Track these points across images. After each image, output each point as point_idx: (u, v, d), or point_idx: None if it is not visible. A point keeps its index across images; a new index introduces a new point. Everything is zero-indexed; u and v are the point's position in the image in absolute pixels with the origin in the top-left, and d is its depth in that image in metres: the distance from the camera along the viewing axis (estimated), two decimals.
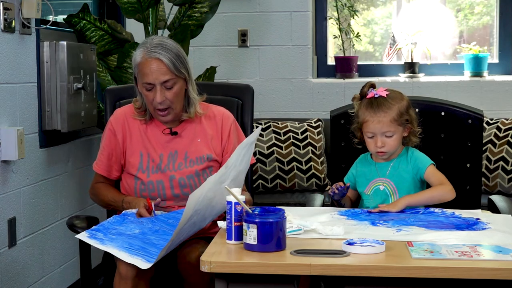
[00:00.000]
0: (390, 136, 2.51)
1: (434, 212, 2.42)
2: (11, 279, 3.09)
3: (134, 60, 2.53)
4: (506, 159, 3.98)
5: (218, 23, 4.56)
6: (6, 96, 3.04)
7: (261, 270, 1.88)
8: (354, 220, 2.32)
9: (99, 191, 2.65)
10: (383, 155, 2.55)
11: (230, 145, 2.63)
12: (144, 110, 2.60)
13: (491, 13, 4.77)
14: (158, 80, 2.48)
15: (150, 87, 2.50)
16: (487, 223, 2.25)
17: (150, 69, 2.48)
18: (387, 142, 2.52)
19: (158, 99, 2.48)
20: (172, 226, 2.33)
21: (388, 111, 2.50)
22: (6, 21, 2.99)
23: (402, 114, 2.52)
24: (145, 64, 2.48)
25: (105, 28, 3.84)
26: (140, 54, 2.50)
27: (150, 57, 2.48)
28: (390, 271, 1.85)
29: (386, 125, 2.50)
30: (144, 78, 2.49)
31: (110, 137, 2.61)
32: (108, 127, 2.64)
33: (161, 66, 2.48)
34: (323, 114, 4.45)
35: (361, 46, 4.87)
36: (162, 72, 2.48)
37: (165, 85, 2.49)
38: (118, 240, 2.26)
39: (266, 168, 4.14)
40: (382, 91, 2.53)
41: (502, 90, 4.47)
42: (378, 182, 2.58)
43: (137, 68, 2.52)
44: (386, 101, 2.51)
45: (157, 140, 2.58)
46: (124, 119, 2.61)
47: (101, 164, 2.64)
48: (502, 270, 1.83)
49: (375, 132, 2.51)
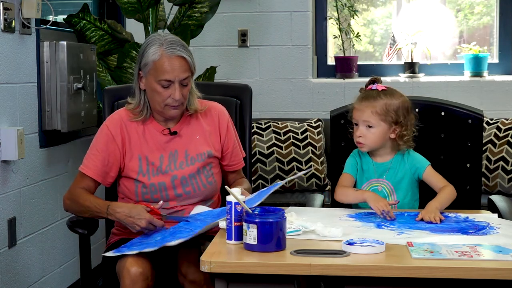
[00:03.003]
0: (370, 127, 2.52)
1: (448, 216, 2.40)
2: (11, 279, 3.09)
3: (148, 56, 2.48)
4: (506, 159, 3.98)
5: (218, 23, 4.56)
6: (6, 96, 3.04)
7: (261, 270, 1.88)
8: (360, 221, 2.32)
9: (81, 195, 2.50)
10: (361, 146, 2.55)
11: (230, 141, 2.64)
12: (141, 109, 2.57)
13: (491, 13, 4.77)
14: (178, 78, 2.46)
15: (168, 84, 2.47)
16: (496, 228, 2.23)
17: (172, 67, 2.45)
18: (366, 134, 2.52)
19: (177, 96, 2.47)
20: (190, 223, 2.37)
21: (374, 103, 2.51)
22: (6, 21, 2.99)
23: (388, 111, 2.51)
24: (165, 62, 2.45)
25: (105, 28, 3.84)
26: (157, 51, 2.46)
27: (172, 55, 2.46)
28: (390, 271, 1.85)
29: (367, 115, 2.51)
30: (163, 75, 2.46)
31: (108, 142, 2.53)
32: (105, 131, 2.55)
33: (183, 64, 2.47)
34: (323, 114, 4.45)
35: (361, 46, 4.87)
36: (183, 69, 2.47)
37: (182, 82, 2.48)
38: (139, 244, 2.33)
39: (266, 168, 4.14)
40: (380, 86, 2.55)
41: (502, 90, 4.47)
42: (375, 183, 2.58)
43: (153, 65, 2.47)
44: (377, 94, 2.54)
45: (156, 142, 2.56)
46: (121, 122, 2.56)
47: (94, 168, 2.52)
48: (502, 270, 1.83)
49: (357, 120, 2.54)
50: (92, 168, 2.52)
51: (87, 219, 2.52)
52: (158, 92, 2.48)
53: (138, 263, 2.27)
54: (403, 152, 2.58)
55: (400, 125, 2.53)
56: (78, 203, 2.50)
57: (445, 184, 2.52)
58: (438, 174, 2.55)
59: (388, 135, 2.54)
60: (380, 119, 2.51)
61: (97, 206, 2.46)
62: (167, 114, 2.54)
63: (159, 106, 2.51)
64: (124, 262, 2.29)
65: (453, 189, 2.50)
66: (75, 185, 2.54)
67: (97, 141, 2.56)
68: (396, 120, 2.52)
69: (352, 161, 2.62)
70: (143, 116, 2.56)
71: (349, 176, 2.60)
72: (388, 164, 2.58)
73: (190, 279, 2.32)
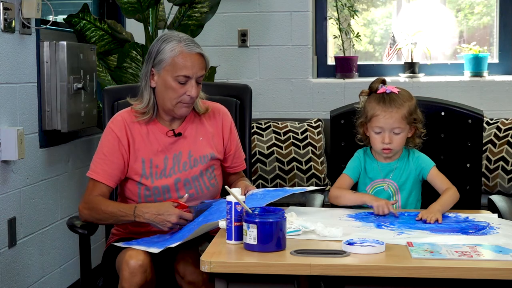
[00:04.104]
0: (398, 133, 2.50)
1: (448, 216, 2.40)
2: (11, 279, 3.09)
3: (165, 53, 2.47)
4: (506, 159, 3.98)
5: (218, 23, 4.56)
6: (6, 96, 3.04)
7: (261, 270, 1.88)
8: (360, 221, 2.32)
9: (101, 202, 2.45)
10: (388, 152, 2.53)
11: (233, 143, 2.64)
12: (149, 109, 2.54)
13: (491, 13, 4.77)
14: (196, 74, 2.47)
15: (185, 80, 2.47)
16: (496, 228, 2.23)
17: (192, 63, 2.46)
18: (395, 139, 2.51)
19: (194, 93, 2.47)
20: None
21: (400, 107, 2.49)
22: (6, 21, 2.99)
23: (412, 113, 2.52)
24: (186, 57, 2.46)
25: (105, 28, 3.84)
26: (176, 47, 2.46)
27: (192, 51, 2.47)
28: (390, 271, 1.85)
29: (397, 121, 2.49)
30: (182, 71, 2.45)
31: (114, 144, 2.50)
32: (110, 133, 2.52)
33: (201, 61, 2.50)
34: (323, 114, 4.45)
35: (361, 46, 4.87)
36: (201, 66, 2.49)
37: (198, 80, 2.49)
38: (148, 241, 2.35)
39: (266, 168, 4.14)
40: (394, 88, 2.53)
41: (502, 90, 4.47)
42: (380, 183, 2.57)
43: (171, 61, 2.46)
44: (398, 97, 2.51)
45: (160, 143, 2.54)
46: (124, 124, 2.53)
47: (104, 173, 2.48)
48: (502, 270, 1.83)
49: (384, 128, 2.50)
50: (101, 173, 2.48)
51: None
52: (173, 89, 2.47)
53: (137, 256, 2.27)
54: (408, 152, 2.58)
55: (417, 123, 2.54)
56: (100, 210, 2.44)
57: (449, 186, 2.52)
58: (442, 176, 2.55)
59: (408, 135, 2.55)
60: (406, 123, 2.51)
61: (122, 210, 2.43)
62: (178, 113, 2.52)
63: (171, 103, 2.49)
64: (124, 255, 2.30)
65: (456, 192, 2.50)
66: (90, 193, 2.49)
67: (103, 145, 2.52)
68: (414, 119, 2.53)
69: (355, 163, 2.61)
70: (148, 116, 2.54)
71: (348, 178, 2.59)
72: (394, 164, 2.57)
73: (189, 280, 2.32)
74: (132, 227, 2.55)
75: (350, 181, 2.59)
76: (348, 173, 2.60)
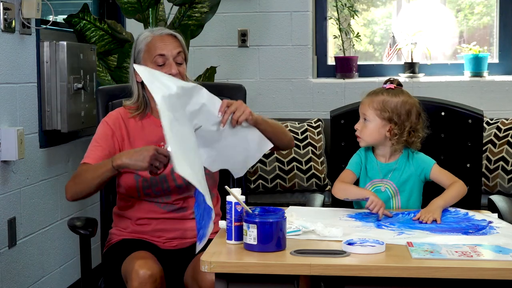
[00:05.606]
0: (366, 121, 2.54)
1: (448, 210, 2.41)
2: (11, 279, 3.09)
3: (140, 41, 2.57)
4: (506, 159, 3.98)
5: (218, 23, 4.56)
6: (6, 96, 3.04)
7: (261, 270, 1.88)
8: (360, 221, 2.32)
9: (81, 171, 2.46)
10: (359, 140, 2.57)
11: None
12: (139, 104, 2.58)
13: (491, 13, 4.77)
14: (171, 52, 2.54)
15: (163, 61, 2.53)
16: (496, 228, 2.22)
17: (164, 43, 2.55)
18: (362, 128, 2.54)
19: (173, 71, 2.51)
20: None
21: (373, 98, 2.54)
22: (6, 21, 2.99)
23: (385, 108, 2.52)
24: (157, 39, 2.55)
25: (105, 28, 3.84)
26: (148, 34, 2.57)
27: (163, 33, 2.57)
28: (390, 271, 1.85)
29: (365, 107, 2.54)
30: (156, 51, 2.53)
31: (108, 135, 2.55)
32: (104, 126, 2.56)
33: (174, 40, 2.57)
34: (323, 114, 4.45)
35: (361, 46, 4.87)
36: (176, 45, 2.56)
37: (176, 60, 2.54)
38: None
39: (266, 168, 4.14)
40: (389, 86, 2.57)
41: (502, 90, 4.47)
42: (378, 183, 2.57)
43: (145, 47, 2.55)
44: (380, 90, 2.56)
45: (156, 135, 2.54)
46: (120, 119, 2.57)
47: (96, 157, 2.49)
48: (502, 270, 1.83)
49: (360, 114, 2.57)
50: (93, 157, 2.50)
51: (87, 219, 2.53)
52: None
53: (147, 265, 2.24)
54: (408, 153, 2.58)
55: (394, 123, 2.53)
56: (81, 178, 2.45)
57: (454, 180, 2.51)
58: (445, 171, 2.55)
59: (383, 132, 2.53)
60: (376, 114, 2.52)
61: (100, 166, 2.42)
62: None
63: None
64: (133, 264, 2.27)
65: (461, 185, 2.49)
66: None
67: (97, 135, 2.57)
68: (391, 118, 2.53)
69: (357, 159, 2.62)
70: (141, 110, 2.58)
71: (350, 173, 2.60)
72: (393, 164, 2.57)
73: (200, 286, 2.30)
74: (135, 226, 2.54)
75: (353, 176, 2.60)
76: (350, 168, 2.61)
